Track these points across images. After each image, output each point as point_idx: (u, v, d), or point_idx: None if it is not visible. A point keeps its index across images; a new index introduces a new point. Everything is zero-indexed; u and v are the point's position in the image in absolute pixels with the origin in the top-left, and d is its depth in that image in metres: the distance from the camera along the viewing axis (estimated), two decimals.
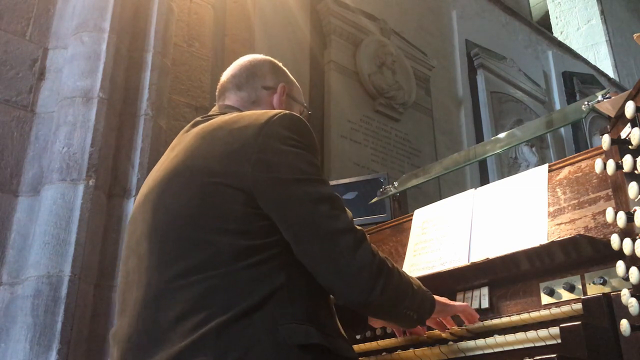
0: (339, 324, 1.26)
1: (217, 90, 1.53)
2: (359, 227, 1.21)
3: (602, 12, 8.80)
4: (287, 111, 1.28)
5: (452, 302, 1.46)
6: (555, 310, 1.31)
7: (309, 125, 1.28)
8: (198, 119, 1.41)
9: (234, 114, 1.33)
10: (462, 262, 1.66)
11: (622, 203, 1.27)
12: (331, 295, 1.24)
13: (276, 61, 1.56)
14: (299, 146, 1.21)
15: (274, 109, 1.44)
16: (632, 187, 1.12)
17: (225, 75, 1.52)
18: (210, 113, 1.45)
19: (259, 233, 1.14)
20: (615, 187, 1.32)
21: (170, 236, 1.17)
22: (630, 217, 1.14)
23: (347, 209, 1.23)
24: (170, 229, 1.17)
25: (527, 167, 5.78)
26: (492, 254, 1.54)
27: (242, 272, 1.10)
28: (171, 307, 1.09)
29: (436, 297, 1.38)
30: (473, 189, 1.84)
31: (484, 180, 5.33)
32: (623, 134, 1.26)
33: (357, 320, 1.65)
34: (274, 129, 1.20)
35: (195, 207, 1.16)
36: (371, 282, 1.15)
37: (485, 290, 1.57)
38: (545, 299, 1.42)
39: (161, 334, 1.08)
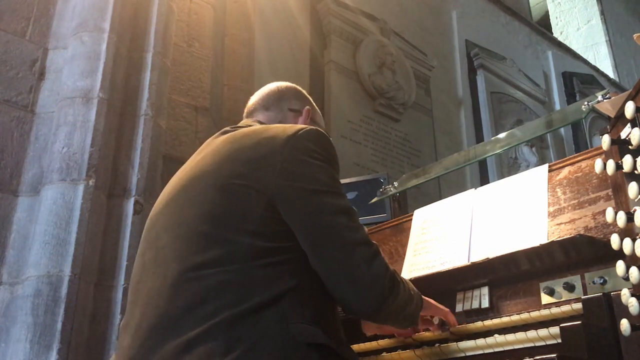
0: (342, 332, 1.29)
1: (245, 112, 1.61)
2: (373, 242, 1.25)
3: (602, 12, 8.81)
4: (313, 127, 1.34)
5: (436, 304, 1.49)
6: (555, 310, 1.32)
7: (332, 142, 1.35)
8: (227, 128, 1.46)
9: (262, 126, 1.41)
10: (462, 262, 1.66)
11: (622, 203, 1.27)
12: (340, 305, 1.27)
13: (300, 88, 1.65)
14: (322, 159, 1.27)
15: None
16: (632, 187, 1.12)
17: (253, 99, 1.61)
18: (239, 125, 1.51)
19: (275, 237, 1.18)
20: (615, 187, 1.32)
21: (190, 231, 1.21)
22: (630, 217, 1.14)
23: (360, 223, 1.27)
24: (191, 224, 1.21)
25: (527, 167, 5.78)
26: (492, 254, 1.54)
27: (256, 270, 1.14)
28: (184, 297, 1.13)
29: (424, 298, 1.42)
30: (473, 189, 1.84)
31: (484, 180, 5.33)
32: (623, 134, 1.26)
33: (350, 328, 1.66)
34: (300, 141, 1.26)
35: (218, 205, 1.20)
36: (383, 295, 1.20)
37: (485, 290, 1.57)
38: (545, 299, 1.42)
39: (173, 322, 1.11)
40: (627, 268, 1.12)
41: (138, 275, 1.29)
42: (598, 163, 1.26)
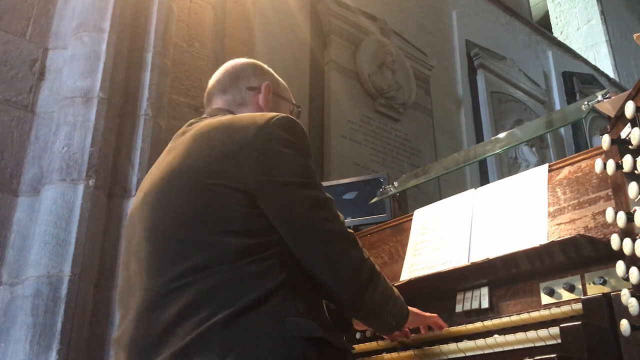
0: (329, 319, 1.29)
1: (205, 97, 1.56)
2: (350, 230, 1.28)
3: (602, 12, 8.80)
4: (283, 114, 1.31)
5: (422, 313, 1.52)
6: (555, 310, 1.31)
7: (303, 127, 1.32)
8: (192, 120, 1.44)
9: (229, 116, 1.36)
10: (462, 262, 1.66)
11: (622, 203, 1.27)
12: (325, 298, 1.27)
13: (260, 62, 1.59)
14: (296, 148, 1.25)
15: (261, 109, 1.48)
16: (632, 187, 1.12)
17: (211, 82, 1.57)
18: (203, 116, 1.47)
19: (260, 232, 1.18)
20: (615, 187, 1.32)
21: (172, 238, 1.19)
22: (630, 217, 1.14)
23: (338, 211, 1.29)
24: (172, 231, 1.19)
25: (527, 167, 5.78)
26: (492, 254, 1.54)
27: (245, 268, 1.13)
28: (174, 304, 1.11)
29: (409, 308, 1.44)
30: (473, 189, 1.84)
31: (484, 180, 5.32)
32: (623, 134, 1.26)
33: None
34: (272, 130, 1.24)
35: (198, 209, 1.18)
36: (365, 283, 1.23)
37: (485, 290, 1.57)
38: (545, 299, 1.42)
39: (166, 331, 1.10)
40: (627, 268, 1.12)
41: (126, 287, 1.27)
42: (598, 163, 1.26)
